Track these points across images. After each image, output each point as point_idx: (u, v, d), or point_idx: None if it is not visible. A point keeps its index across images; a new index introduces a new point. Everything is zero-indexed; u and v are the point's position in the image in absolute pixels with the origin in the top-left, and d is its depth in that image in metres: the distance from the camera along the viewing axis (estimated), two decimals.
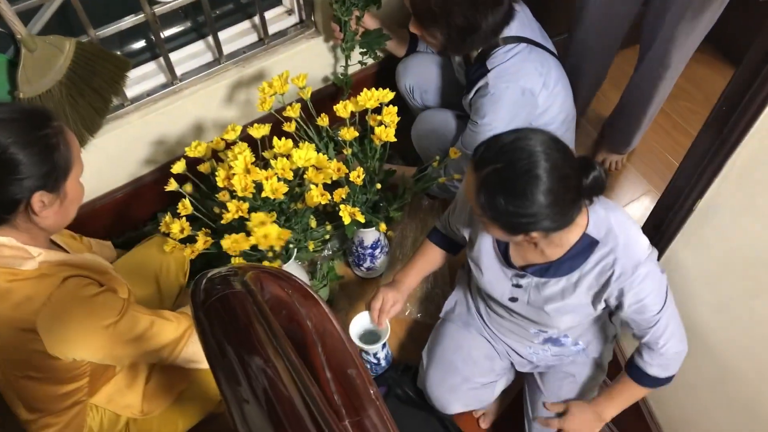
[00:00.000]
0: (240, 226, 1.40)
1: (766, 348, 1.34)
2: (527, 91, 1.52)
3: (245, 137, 1.52)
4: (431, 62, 1.86)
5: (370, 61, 1.96)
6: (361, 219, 1.48)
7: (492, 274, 1.38)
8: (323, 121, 1.57)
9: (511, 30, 1.52)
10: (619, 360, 1.77)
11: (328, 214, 1.69)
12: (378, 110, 1.54)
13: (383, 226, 1.64)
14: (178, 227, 1.45)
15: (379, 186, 1.62)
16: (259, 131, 1.51)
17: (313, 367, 0.84)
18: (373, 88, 1.52)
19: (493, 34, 1.50)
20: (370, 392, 0.79)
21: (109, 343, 1.15)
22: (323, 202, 1.45)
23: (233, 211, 1.39)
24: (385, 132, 1.47)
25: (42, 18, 1.43)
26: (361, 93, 1.52)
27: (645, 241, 1.27)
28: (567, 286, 1.30)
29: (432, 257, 1.57)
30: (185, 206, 1.46)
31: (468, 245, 1.43)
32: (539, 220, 1.11)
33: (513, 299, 1.38)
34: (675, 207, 1.36)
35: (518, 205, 1.09)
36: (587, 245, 1.25)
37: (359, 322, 1.60)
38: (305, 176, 1.42)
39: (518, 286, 1.35)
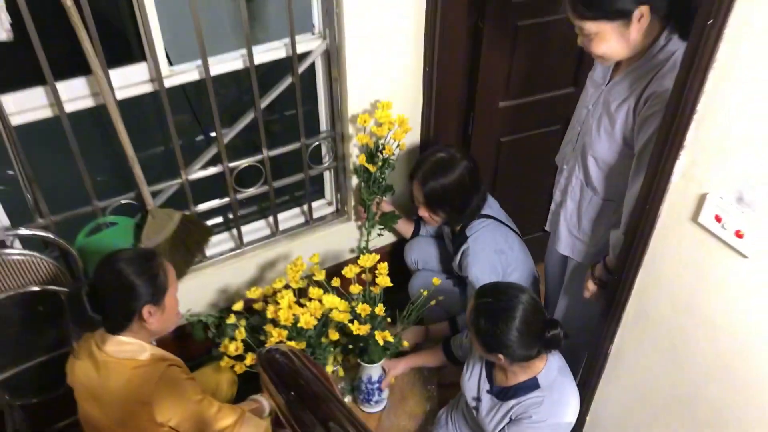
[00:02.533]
0: None
1: None
2: (498, 250, 2.12)
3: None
4: (429, 242, 2.49)
5: (386, 234, 2.59)
6: (390, 339, 2.01)
7: (471, 380, 1.91)
8: (336, 282, 2.15)
9: (483, 210, 2.16)
10: None
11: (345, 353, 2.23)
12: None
13: (406, 343, 2.19)
14: (234, 347, 2.00)
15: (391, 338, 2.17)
16: (291, 287, 2.10)
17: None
18: (372, 254, 2.13)
19: (477, 210, 2.13)
20: None
21: (196, 413, 1.65)
22: (337, 338, 2.00)
23: (276, 336, 1.94)
24: (384, 280, 2.06)
25: (164, 196, 2.12)
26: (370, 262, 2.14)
27: (573, 410, 1.77)
28: (504, 411, 1.79)
29: (436, 356, 2.19)
30: (240, 332, 2.02)
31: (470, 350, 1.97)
32: (506, 347, 1.63)
33: (475, 405, 1.87)
34: (597, 353, 1.87)
35: (494, 330, 1.62)
36: (531, 385, 1.76)
37: None
38: (330, 315, 1.98)
39: (479, 399, 1.85)
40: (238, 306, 2.14)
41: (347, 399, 2.44)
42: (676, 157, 1.39)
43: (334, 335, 1.97)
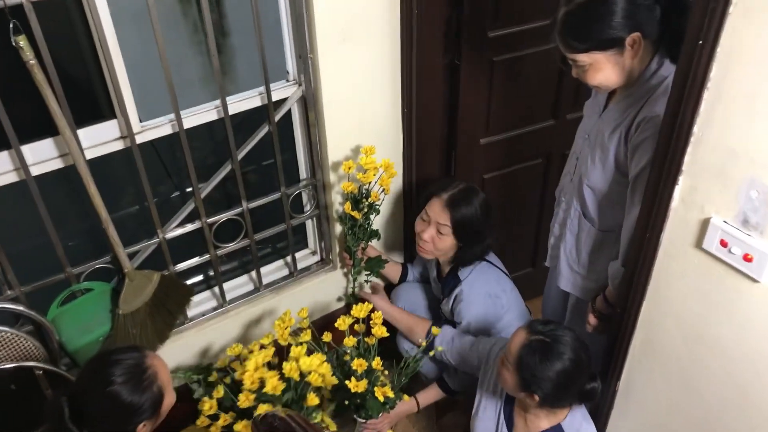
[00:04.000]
0: None
1: None
2: (492, 294, 2.04)
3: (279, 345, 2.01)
4: (416, 288, 2.41)
5: (373, 279, 2.51)
6: (391, 394, 1.92)
7: (483, 421, 1.83)
8: (327, 337, 2.06)
9: None
10: None
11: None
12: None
13: (406, 397, 2.08)
14: (208, 406, 1.88)
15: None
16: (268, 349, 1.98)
17: None
18: (365, 303, 2.04)
19: (486, 249, 2.05)
20: None
21: None
22: (317, 403, 1.89)
23: (243, 400, 1.83)
24: (380, 330, 1.97)
25: (141, 257, 2.02)
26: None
27: None
28: None
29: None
30: (218, 391, 1.90)
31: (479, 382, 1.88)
32: (544, 388, 1.55)
33: None
34: (605, 390, 1.79)
35: (539, 368, 1.54)
36: None
37: None
38: (307, 379, 1.87)
39: None
40: (222, 363, 2.04)
41: None
42: (675, 182, 1.35)
43: (314, 400, 1.86)
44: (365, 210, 2.12)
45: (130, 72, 1.70)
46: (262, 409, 1.81)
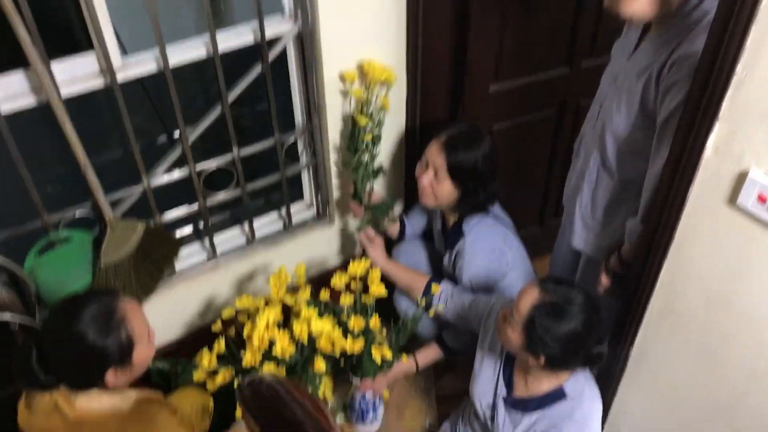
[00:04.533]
0: None
1: None
2: (496, 249, 1.90)
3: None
4: (416, 245, 2.28)
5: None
6: (389, 355, 1.81)
7: (484, 384, 1.71)
8: (324, 295, 1.94)
9: None
10: None
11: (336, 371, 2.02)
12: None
13: (405, 357, 1.98)
14: (207, 360, 1.77)
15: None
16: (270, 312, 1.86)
17: None
18: (357, 260, 1.92)
19: (490, 199, 1.90)
20: None
21: None
22: (324, 370, 1.78)
23: (248, 359, 1.72)
24: (378, 289, 1.85)
25: (124, 206, 1.89)
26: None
27: (600, 419, 1.59)
28: (526, 425, 1.60)
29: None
30: (220, 345, 1.79)
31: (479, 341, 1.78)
32: (552, 349, 1.45)
33: (491, 413, 1.69)
34: (615, 356, 1.69)
35: (548, 329, 1.43)
36: (557, 395, 1.58)
37: None
38: (317, 345, 1.77)
39: (494, 407, 1.65)
40: (228, 313, 1.93)
41: (339, 418, 2.23)
42: (710, 129, 1.20)
43: (321, 366, 1.76)
44: (371, 116, 1.96)
45: None
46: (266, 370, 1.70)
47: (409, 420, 2.27)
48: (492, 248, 1.92)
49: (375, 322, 1.83)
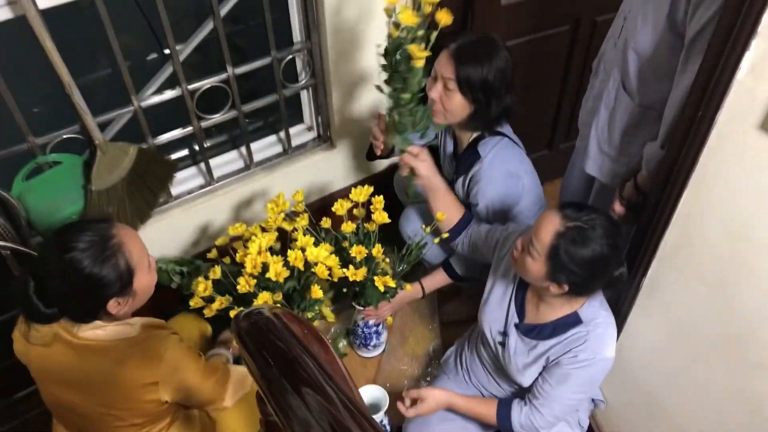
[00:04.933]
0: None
1: (713, 412, 1.55)
2: (513, 174, 1.80)
3: (278, 229, 1.83)
4: None
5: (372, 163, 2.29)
6: (392, 284, 1.76)
7: (494, 310, 1.67)
8: (326, 222, 1.88)
9: (498, 126, 1.82)
10: (593, 426, 1.97)
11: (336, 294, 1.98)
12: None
13: (408, 286, 1.92)
14: (203, 287, 1.73)
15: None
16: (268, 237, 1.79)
17: None
18: (360, 186, 1.85)
19: (505, 114, 1.77)
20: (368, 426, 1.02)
21: (197, 385, 1.47)
22: (321, 296, 1.73)
23: (242, 284, 1.68)
24: (381, 216, 1.78)
25: (114, 128, 1.80)
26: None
27: (613, 347, 1.55)
28: (539, 352, 1.56)
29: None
30: (215, 272, 1.74)
31: (492, 269, 1.73)
32: (576, 276, 1.40)
33: (501, 343, 1.65)
34: (627, 285, 1.63)
35: (575, 256, 1.37)
36: (572, 321, 1.53)
37: (362, 396, 1.84)
38: (313, 270, 1.71)
39: (505, 334, 1.62)
40: (222, 241, 1.89)
41: (341, 344, 2.22)
42: (746, 45, 1.09)
43: (317, 293, 1.71)
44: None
45: None
46: (262, 298, 1.66)
47: (413, 346, 2.26)
48: (510, 172, 1.83)
49: (378, 250, 1.77)
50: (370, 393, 1.90)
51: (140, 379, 1.37)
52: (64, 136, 1.73)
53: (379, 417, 1.88)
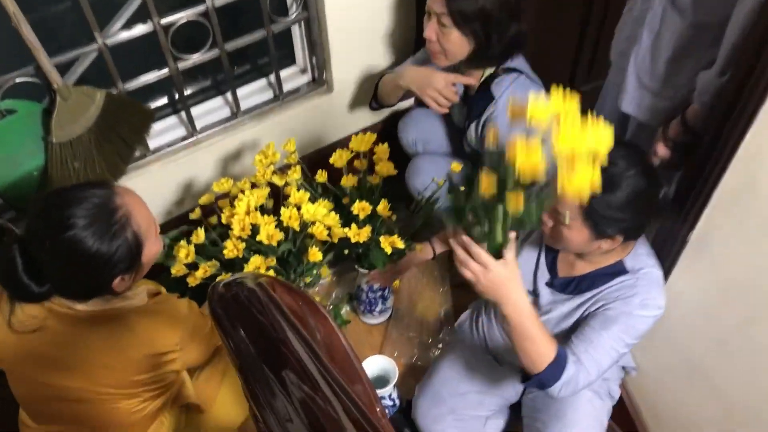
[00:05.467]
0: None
1: None
2: None
3: (270, 185, 1.62)
4: (430, 115, 1.95)
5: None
6: (400, 245, 1.55)
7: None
8: (321, 176, 1.65)
9: (511, 63, 1.60)
10: (627, 403, 1.79)
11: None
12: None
13: (419, 246, 1.70)
14: (184, 252, 1.52)
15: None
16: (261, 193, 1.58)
17: None
18: (361, 134, 1.62)
19: (513, 47, 1.56)
20: (376, 409, 0.80)
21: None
22: (320, 259, 1.53)
23: (230, 248, 1.47)
24: (386, 167, 1.56)
25: (77, 70, 1.56)
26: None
27: (664, 298, 1.34)
28: (573, 305, 1.38)
29: None
30: (198, 236, 1.53)
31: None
32: (624, 223, 1.21)
33: (531, 300, 1.45)
34: (670, 240, 1.42)
35: (608, 203, 1.18)
36: (617, 270, 1.34)
37: (368, 367, 1.66)
38: (310, 230, 1.50)
39: (535, 293, 1.44)
40: (206, 199, 1.67)
41: (344, 310, 2.02)
42: None
43: (316, 255, 1.50)
44: None
45: None
46: (254, 263, 1.45)
47: (423, 311, 2.06)
48: None
49: (384, 206, 1.55)
50: (377, 364, 1.71)
51: (156, 346, 1.23)
52: (17, 80, 1.49)
53: (388, 390, 1.70)
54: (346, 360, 0.90)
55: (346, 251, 1.70)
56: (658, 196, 1.26)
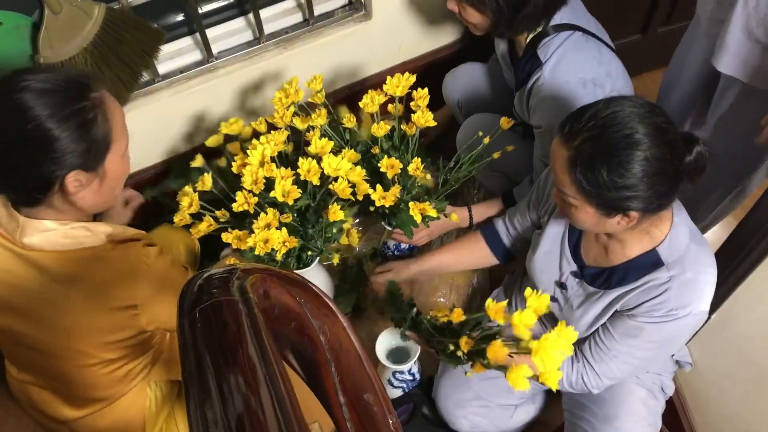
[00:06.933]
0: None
1: None
2: (589, 82, 1.34)
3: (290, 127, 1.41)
4: (480, 72, 1.72)
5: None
6: (433, 214, 1.35)
7: (545, 258, 1.28)
8: (350, 121, 1.42)
9: (563, 17, 1.36)
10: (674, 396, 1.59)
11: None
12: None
13: (455, 216, 1.50)
14: (188, 201, 1.32)
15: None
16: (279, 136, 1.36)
17: (324, 390, 0.72)
18: (398, 75, 1.38)
19: (546, 10, 1.33)
20: (389, 422, 0.67)
21: None
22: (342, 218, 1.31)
23: (240, 202, 1.27)
24: (424, 117, 1.32)
25: None
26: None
27: (711, 292, 1.11)
28: (605, 302, 1.18)
29: (474, 250, 1.50)
30: (204, 182, 1.33)
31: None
32: (637, 194, 0.98)
33: (561, 295, 1.27)
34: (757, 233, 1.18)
35: (616, 173, 0.97)
36: (651, 262, 1.12)
37: (387, 339, 1.49)
38: (331, 186, 1.28)
39: (563, 286, 1.24)
40: (214, 142, 1.47)
41: (366, 267, 1.83)
42: None
43: (337, 214, 1.29)
44: None
45: None
46: (264, 220, 1.26)
47: (454, 273, 1.86)
48: (583, 80, 1.35)
49: (416, 166, 1.33)
50: (398, 337, 1.53)
51: (112, 301, 1.06)
52: None
53: (408, 366, 1.53)
54: (356, 365, 0.74)
55: (372, 208, 1.49)
56: (684, 159, 1.01)
